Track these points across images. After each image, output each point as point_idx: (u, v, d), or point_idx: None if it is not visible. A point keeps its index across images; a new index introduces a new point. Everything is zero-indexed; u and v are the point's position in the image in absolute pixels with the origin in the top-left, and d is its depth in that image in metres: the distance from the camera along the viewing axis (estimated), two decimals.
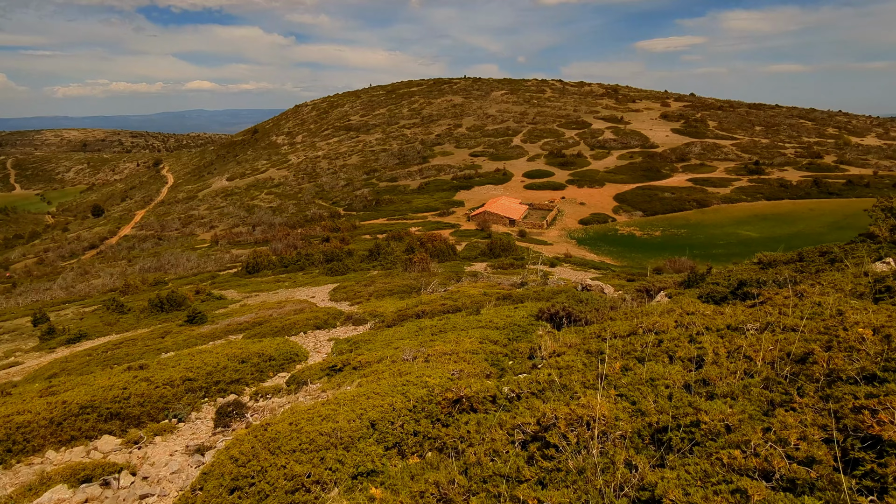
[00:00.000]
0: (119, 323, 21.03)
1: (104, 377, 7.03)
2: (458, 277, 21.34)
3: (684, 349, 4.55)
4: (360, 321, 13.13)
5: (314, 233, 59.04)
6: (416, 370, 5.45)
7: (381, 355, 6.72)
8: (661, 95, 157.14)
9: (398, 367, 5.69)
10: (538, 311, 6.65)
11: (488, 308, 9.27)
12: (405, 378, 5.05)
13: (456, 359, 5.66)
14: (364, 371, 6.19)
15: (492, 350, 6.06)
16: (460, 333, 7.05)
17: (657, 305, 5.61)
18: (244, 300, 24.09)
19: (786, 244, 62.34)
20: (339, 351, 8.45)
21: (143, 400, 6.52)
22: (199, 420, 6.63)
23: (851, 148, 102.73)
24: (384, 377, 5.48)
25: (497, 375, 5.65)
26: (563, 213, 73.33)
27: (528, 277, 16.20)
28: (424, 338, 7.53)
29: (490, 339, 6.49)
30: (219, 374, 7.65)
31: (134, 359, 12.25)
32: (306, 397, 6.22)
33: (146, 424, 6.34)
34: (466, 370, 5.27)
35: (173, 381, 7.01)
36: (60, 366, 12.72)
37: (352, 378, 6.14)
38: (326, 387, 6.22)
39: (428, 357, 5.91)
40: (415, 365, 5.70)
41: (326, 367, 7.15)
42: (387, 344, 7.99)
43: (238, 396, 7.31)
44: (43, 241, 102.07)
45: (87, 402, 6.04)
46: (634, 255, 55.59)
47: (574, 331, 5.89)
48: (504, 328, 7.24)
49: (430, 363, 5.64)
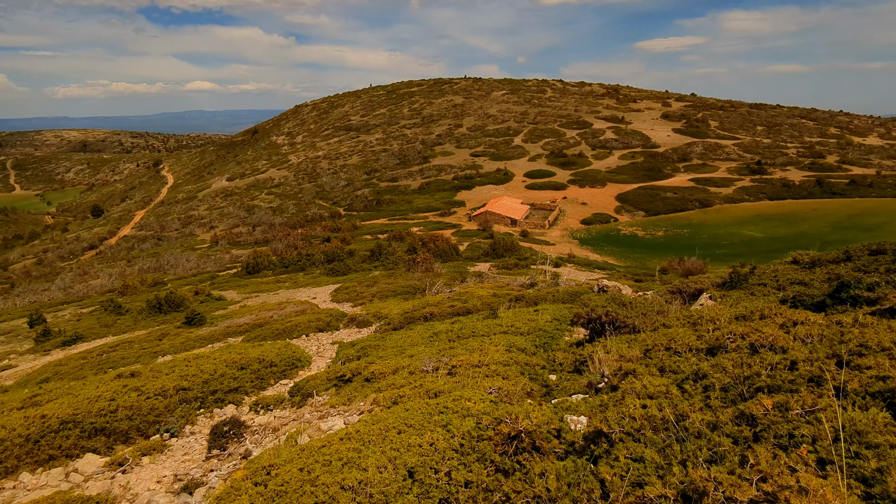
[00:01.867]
0: (116, 325, 20.61)
1: (91, 386, 6.57)
2: (463, 278, 20.93)
3: None
4: (364, 323, 12.70)
5: (315, 233, 58.63)
6: (445, 386, 4.78)
7: (396, 365, 6.14)
8: (662, 95, 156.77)
9: (420, 382, 5.06)
10: (574, 316, 6.05)
11: (504, 311, 8.78)
12: (439, 402, 4.28)
13: (487, 372, 5.01)
14: (378, 384, 5.60)
15: (525, 361, 5.44)
16: (483, 340, 6.48)
17: (705, 310, 5.11)
18: (244, 301, 23.67)
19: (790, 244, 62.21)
20: (346, 357, 7.92)
21: (131, 413, 5.99)
22: (192, 436, 6.10)
23: (854, 148, 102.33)
24: (411, 399, 4.67)
25: (539, 393, 4.97)
26: (565, 213, 72.93)
27: (537, 278, 15.79)
28: (441, 345, 6.95)
29: (517, 347, 5.93)
30: (216, 383, 7.13)
31: (130, 362, 11.83)
32: (312, 413, 5.62)
33: (135, 440, 5.83)
34: (505, 388, 4.58)
35: (166, 391, 6.51)
36: (54, 369, 12.31)
37: (364, 392, 5.56)
38: (335, 401, 5.65)
39: (453, 369, 5.31)
40: (439, 379, 5.07)
41: (333, 376, 6.60)
42: (400, 351, 7.37)
43: (237, 407, 6.82)
44: (42, 242, 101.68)
45: (69, 416, 5.51)
46: (637, 256, 55.20)
47: (624, 340, 5.14)
48: (529, 334, 6.73)
49: (458, 378, 5.03)
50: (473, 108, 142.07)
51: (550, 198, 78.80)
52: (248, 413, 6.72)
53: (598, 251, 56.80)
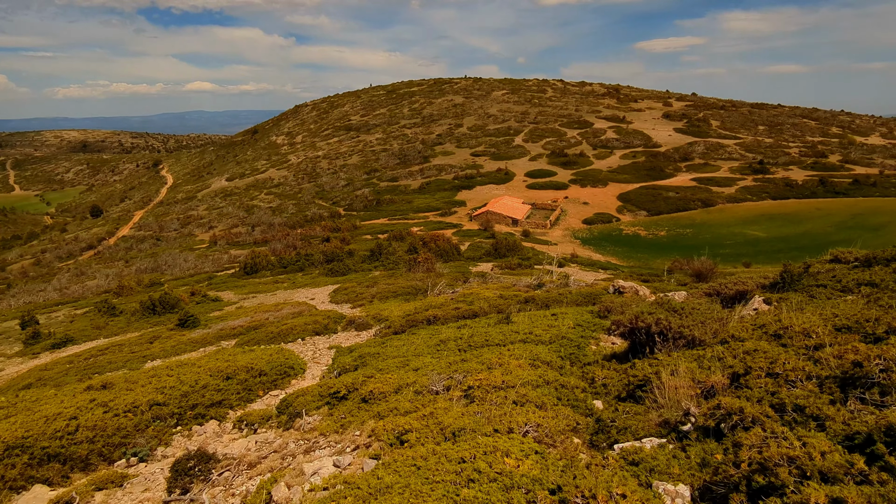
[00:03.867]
0: (108, 326, 20.03)
1: (55, 401, 5.88)
2: (466, 278, 20.34)
3: None
4: (364, 326, 12.10)
5: (314, 233, 58.05)
6: (465, 420, 3.69)
7: (399, 381, 5.29)
8: (663, 95, 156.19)
9: (430, 409, 4.01)
10: (612, 324, 5.25)
11: (518, 315, 8.10)
12: (462, 453, 3.13)
13: (515, 396, 4.03)
14: (378, 408, 4.70)
15: (557, 380, 4.52)
16: (500, 351, 5.63)
17: (768, 317, 4.40)
18: (240, 302, 23.09)
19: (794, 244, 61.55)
20: (342, 367, 7.20)
21: (94, 434, 5.16)
22: (165, 460, 5.27)
23: (856, 147, 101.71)
24: (421, 440, 3.56)
25: (588, 430, 3.80)
26: (567, 212, 72.35)
27: (544, 278, 15.24)
28: (451, 356, 6.16)
29: (541, 360, 5.16)
30: (197, 396, 6.39)
31: (117, 367, 11.25)
32: (298, 443, 4.72)
33: (96, 467, 5.02)
34: (545, 424, 3.47)
35: (138, 406, 5.75)
36: (38, 374, 11.73)
37: (360, 417, 4.72)
38: (326, 427, 4.79)
39: (469, 391, 4.36)
40: (454, 407, 4.07)
41: (327, 392, 5.78)
42: (403, 363, 6.48)
43: (220, 423, 6.13)
44: (41, 242, 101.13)
45: (18, 440, 4.65)
46: (640, 256, 54.62)
47: (690, 357, 4.12)
48: (551, 343, 6.03)
49: (478, 405, 4.08)
50: (474, 107, 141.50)
51: (552, 197, 78.22)
52: (230, 431, 6.07)
53: (600, 251, 56.23)
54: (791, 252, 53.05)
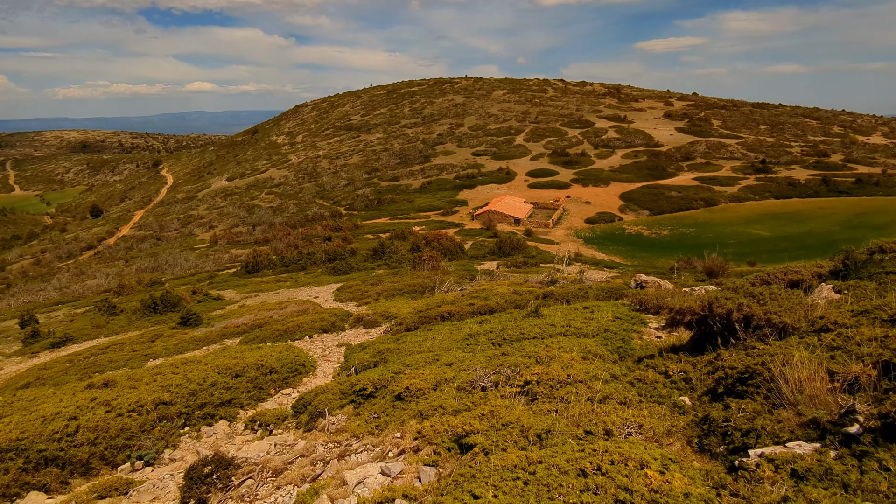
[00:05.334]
0: (109, 325, 19.70)
1: (54, 400, 5.41)
2: (472, 276, 20.00)
3: None
4: (372, 323, 11.77)
5: (315, 232, 57.74)
6: (547, 420, 3.10)
7: (435, 377, 4.72)
8: (664, 95, 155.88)
9: (488, 406, 3.42)
10: (676, 313, 4.80)
11: (547, 308, 7.70)
12: (583, 469, 2.47)
13: (589, 392, 3.43)
14: (418, 405, 4.10)
15: (633, 376, 3.98)
16: (547, 344, 5.19)
17: (866, 302, 3.98)
18: (243, 301, 22.77)
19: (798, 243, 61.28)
20: (360, 364, 6.75)
21: (96, 435, 4.66)
22: (172, 464, 4.76)
23: (858, 147, 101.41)
24: (494, 443, 2.93)
25: (691, 432, 3.19)
26: (569, 212, 72.03)
27: (556, 275, 14.92)
28: (487, 350, 5.65)
29: (592, 353, 4.70)
30: (205, 394, 5.94)
31: (118, 366, 10.93)
32: (327, 446, 4.14)
33: (98, 472, 4.54)
34: (648, 426, 2.92)
35: (142, 406, 5.28)
36: (37, 373, 11.41)
37: (397, 416, 4.11)
38: (357, 428, 4.23)
39: (526, 387, 3.75)
40: (516, 406, 3.47)
41: (350, 389, 5.26)
42: (432, 358, 5.85)
43: (230, 424, 5.79)
44: (41, 242, 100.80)
45: (13, 442, 4.11)
46: (644, 255, 54.31)
47: (792, 345, 3.51)
48: (594, 336, 5.59)
49: (544, 402, 3.52)
50: (475, 107, 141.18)
51: (553, 197, 77.92)
52: (242, 432, 5.64)
53: (603, 250, 55.93)
54: (796, 251, 52.72)
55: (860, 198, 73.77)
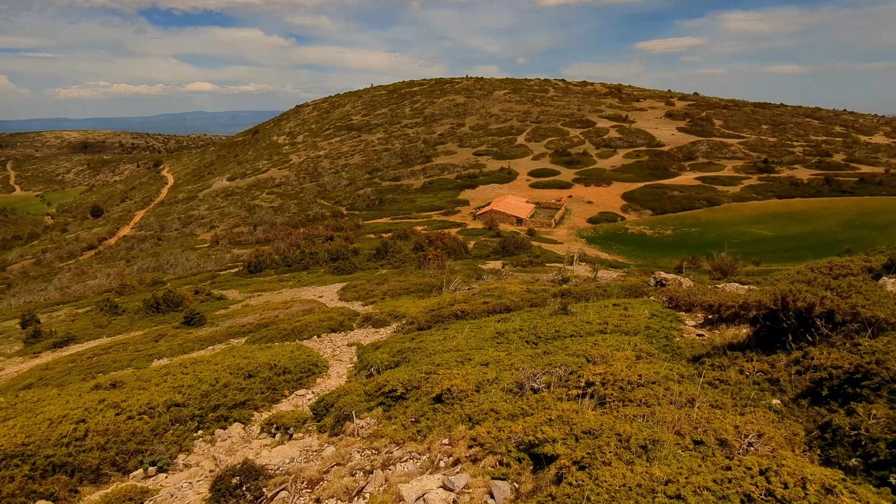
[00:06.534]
0: (111, 325, 19.48)
1: (60, 401, 5.14)
2: (479, 275, 19.77)
3: None
4: (381, 323, 11.55)
5: (317, 232, 57.55)
6: (646, 430, 2.65)
7: (475, 377, 4.32)
8: (665, 95, 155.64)
9: (556, 412, 3.01)
10: (738, 307, 4.41)
11: (575, 305, 7.44)
12: (728, 496, 2.03)
13: (670, 395, 3.02)
14: (463, 409, 3.68)
15: (713, 376, 3.55)
16: (596, 340, 4.88)
17: None
18: (246, 300, 22.56)
19: (802, 243, 61.06)
20: (378, 363, 6.45)
21: (106, 440, 4.36)
22: (187, 470, 4.47)
23: (861, 146, 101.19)
24: (605, 462, 2.46)
25: (810, 441, 2.82)
26: (571, 211, 71.83)
27: (567, 274, 14.69)
28: (525, 349, 5.29)
29: (644, 351, 4.38)
30: (218, 395, 5.67)
31: (122, 366, 10.71)
32: (364, 453, 3.80)
33: (109, 479, 4.24)
34: (769, 435, 2.53)
35: (154, 408, 5.01)
36: (39, 374, 11.19)
37: (441, 421, 3.71)
38: (396, 433, 3.83)
39: (590, 389, 3.34)
40: (585, 410, 3.06)
41: (376, 391, 4.91)
42: (464, 358, 5.41)
43: (245, 427, 5.53)
44: (41, 242, 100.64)
45: (18, 447, 3.81)
46: (647, 255, 54.09)
47: None
48: (635, 334, 5.35)
49: (619, 405, 3.13)
50: (476, 107, 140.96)
51: (555, 196, 77.70)
52: (259, 435, 5.32)
53: (606, 250, 55.71)
54: (799, 251, 52.49)
55: (863, 197, 73.59)
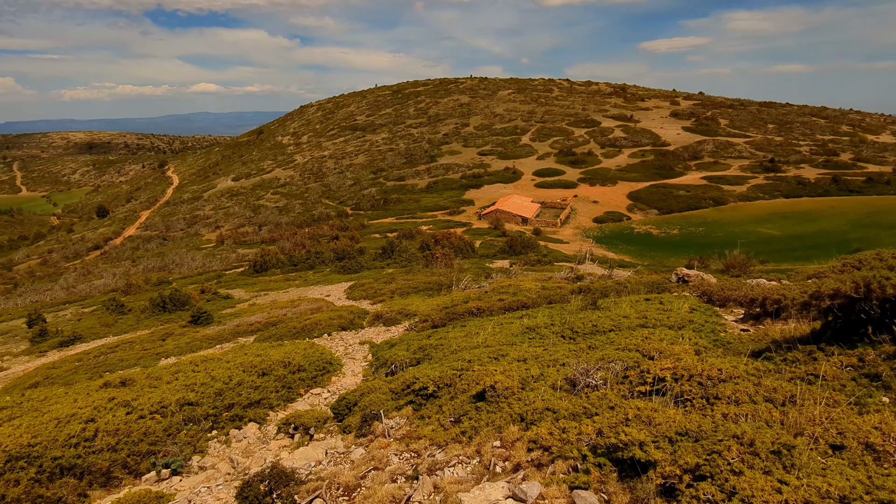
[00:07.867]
0: (117, 324, 19.37)
1: (67, 400, 4.92)
2: (488, 274, 19.56)
3: None
4: (392, 321, 11.36)
5: (322, 232, 57.48)
6: (734, 428, 2.39)
7: (519, 374, 4.01)
8: (670, 94, 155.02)
9: (632, 413, 2.69)
10: (811, 297, 3.91)
11: (604, 300, 7.19)
12: None
13: (763, 392, 2.67)
14: (511, 408, 3.34)
15: (801, 371, 3.21)
16: (646, 335, 4.40)
17: None
18: (253, 299, 22.43)
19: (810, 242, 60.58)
20: (401, 361, 6.18)
21: (116, 440, 4.10)
22: (203, 472, 4.21)
23: (868, 145, 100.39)
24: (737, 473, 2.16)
25: None
26: (577, 211, 71.52)
27: (580, 272, 14.46)
28: (561, 344, 4.96)
29: (700, 345, 4.18)
30: (232, 394, 5.42)
31: (129, 365, 10.55)
32: (402, 457, 3.47)
33: (120, 482, 3.97)
34: None
35: (166, 407, 4.76)
36: (45, 372, 11.06)
37: (489, 421, 3.34)
38: (437, 435, 3.48)
39: (658, 386, 3.02)
40: (665, 408, 2.78)
41: (403, 389, 4.61)
42: (497, 353, 5.07)
43: (260, 427, 5.31)
44: (47, 242, 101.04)
45: (24, 448, 3.54)
46: (654, 254, 53.71)
47: None
48: (681, 328, 5.06)
49: (707, 405, 2.80)
50: (480, 107, 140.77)
51: (561, 196, 77.38)
52: (276, 436, 5.08)
53: (612, 249, 55.37)
54: (807, 250, 52.02)
55: (871, 196, 72.96)
